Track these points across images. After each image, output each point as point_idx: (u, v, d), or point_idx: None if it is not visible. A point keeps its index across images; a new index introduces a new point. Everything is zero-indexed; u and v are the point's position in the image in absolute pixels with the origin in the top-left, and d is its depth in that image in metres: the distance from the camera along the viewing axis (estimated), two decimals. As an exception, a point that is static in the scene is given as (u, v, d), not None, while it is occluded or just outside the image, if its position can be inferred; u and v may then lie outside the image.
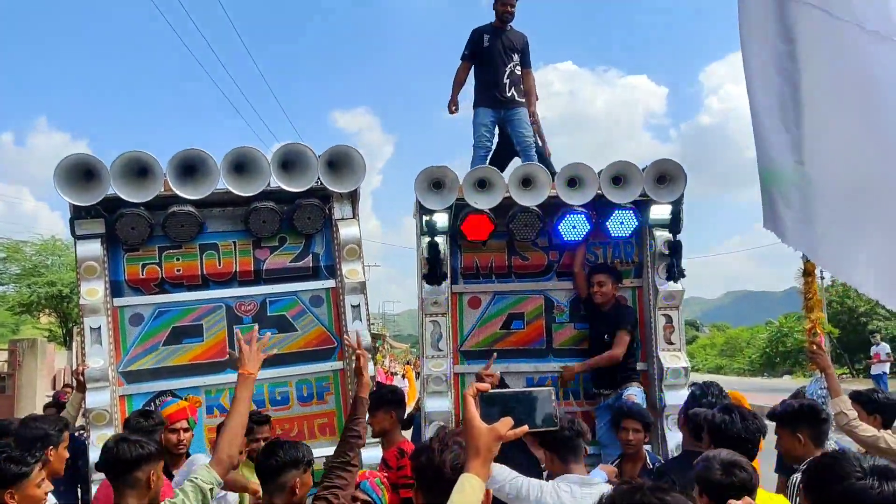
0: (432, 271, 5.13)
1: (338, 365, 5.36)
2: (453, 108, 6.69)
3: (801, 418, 3.55)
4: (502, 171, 5.61)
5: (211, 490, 2.83)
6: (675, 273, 5.16)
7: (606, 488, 2.67)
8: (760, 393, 23.98)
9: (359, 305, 5.25)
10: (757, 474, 2.78)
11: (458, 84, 6.57)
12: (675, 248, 5.15)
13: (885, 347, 18.33)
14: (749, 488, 2.64)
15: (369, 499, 3.56)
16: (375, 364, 5.94)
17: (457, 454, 2.08)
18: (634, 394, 5.01)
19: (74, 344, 22.94)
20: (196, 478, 2.85)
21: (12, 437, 3.97)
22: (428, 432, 5.01)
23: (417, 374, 7.30)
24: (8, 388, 14.62)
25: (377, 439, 4.57)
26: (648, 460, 4.36)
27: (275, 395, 5.27)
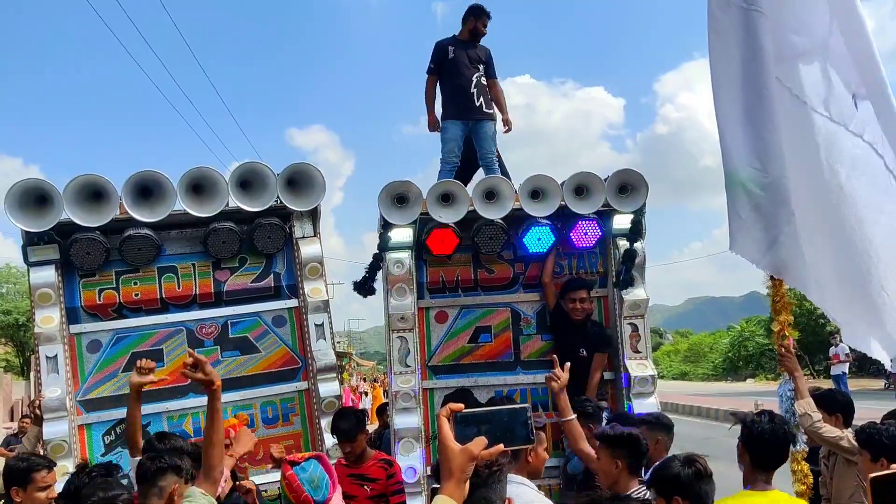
0: (364, 282, 5.26)
1: (303, 385, 5.29)
2: (433, 126, 6.60)
3: (622, 445, 3.46)
4: (466, 184, 5.60)
5: None
6: (626, 280, 5.18)
7: None
8: (725, 397, 24.39)
9: (322, 324, 5.21)
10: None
11: (431, 100, 6.57)
12: (628, 256, 5.17)
13: (845, 348, 18.67)
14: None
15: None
16: (341, 383, 5.86)
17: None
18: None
19: (32, 374, 22.36)
20: None
21: None
22: (398, 449, 4.95)
23: (386, 392, 7.23)
24: (-38, 422, 14.13)
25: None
26: None
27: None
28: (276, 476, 4.14)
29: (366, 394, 28.14)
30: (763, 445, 3.15)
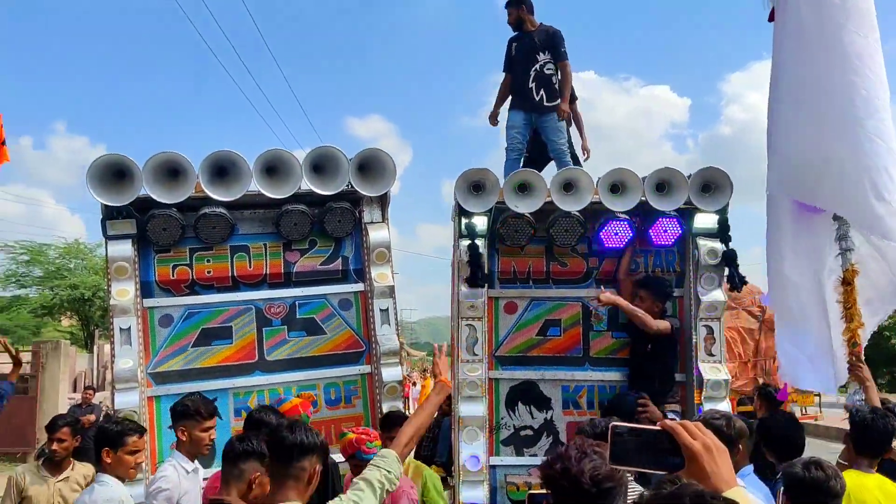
0: (473, 274, 5.02)
1: (366, 369, 5.30)
2: (493, 121, 6.57)
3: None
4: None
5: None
6: (736, 282, 4.99)
7: None
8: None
9: (387, 309, 5.23)
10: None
11: (500, 97, 6.51)
12: (730, 258, 4.99)
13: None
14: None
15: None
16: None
17: (597, 464, 1.97)
18: (673, 418, 4.84)
19: (95, 347, 23.09)
20: (389, 470, 2.76)
21: None
22: (461, 437, 4.90)
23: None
24: (31, 390, 14.61)
25: None
26: None
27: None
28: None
29: (414, 384, 28.24)
30: (867, 430, 3.56)
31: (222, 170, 4.99)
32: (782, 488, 3.08)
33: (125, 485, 3.77)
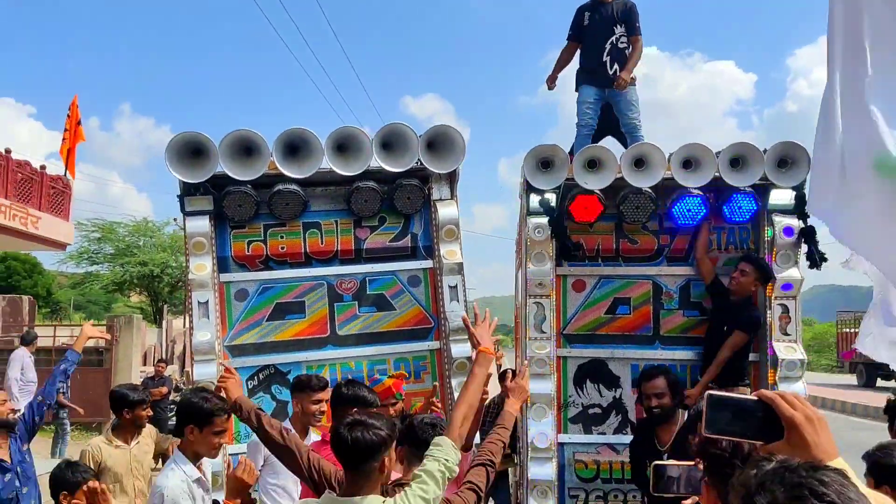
0: (564, 246, 5.06)
1: (434, 345, 5.35)
2: (551, 84, 6.52)
3: None
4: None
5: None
6: (816, 259, 4.88)
7: None
8: (847, 390, 22.98)
9: (456, 286, 5.24)
10: None
11: (561, 63, 6.40)
12: (809, 234, 4.88)
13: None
14: None
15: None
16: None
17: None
18: None
19: (164, 322, 23.85)
20: (447, 459, 2.78)
21: None
22: (530, 414, 4.92)
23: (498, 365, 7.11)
24: (105, 362, 15.28)
25: None
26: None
27: (373, 372, 5.28)
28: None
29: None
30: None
31: (295, 147, 5.08)
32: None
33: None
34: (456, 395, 4.94)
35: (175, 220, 25.82)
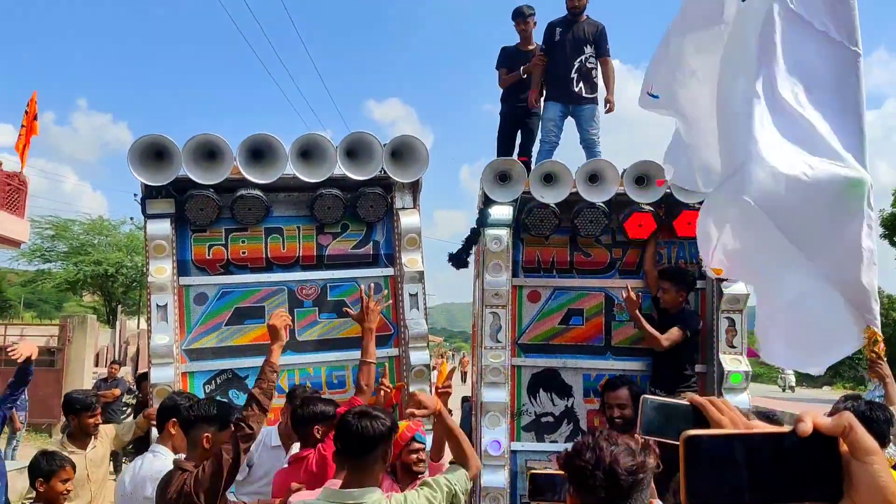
0: (459, 254, 5.26)
1: (393, 352, 5.41)
2: (532, 104, 6.56)
3: None
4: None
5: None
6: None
7: None
8: (798, 402, 23.56)
9: (416, 294, 5.33)
10: None
11: (537, 79, 6.47)
12: None
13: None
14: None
15: (423, 445, 3.66)
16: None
17: (629, 454, 1.88)
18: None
19: (118, 322, 23.46)
20: (456, 483, 2.86)
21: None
22: (484, 422, 5.04)
23: (453, 370, 7.27)
24: (57, 363, 15.00)
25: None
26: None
27: (332, 379, 5.34)
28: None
29: (433, 368, 28.44)
30: (871, 424, 3.47)
31: (259, 153, 5.13)
32: None
33: None
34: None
35: (132, 219, 25.46)
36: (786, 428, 0.96)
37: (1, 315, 32.27)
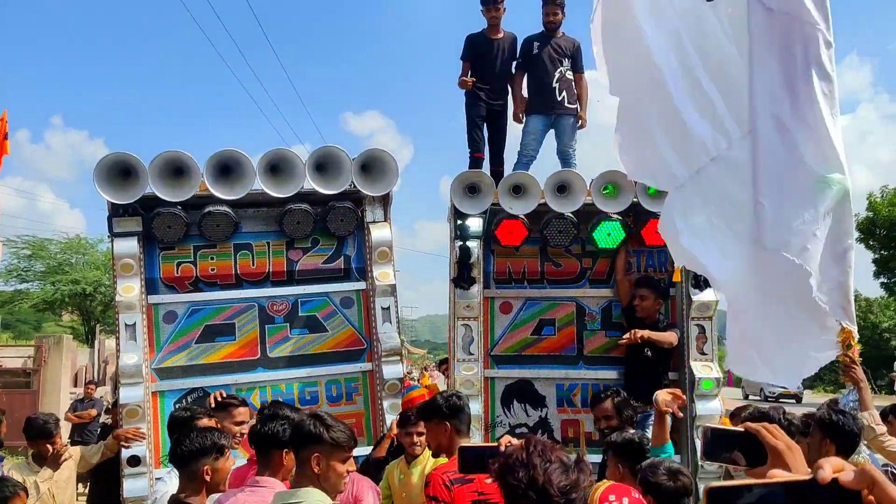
0: (461, 275, 5.15)
1: (367, 366, 5.39)
2: (517, 118, 6.42)
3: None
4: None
5: None
6: (701, 281, 5.12)
7: None
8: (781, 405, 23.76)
9: (389, 308, 5.32)
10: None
11: (518, 94, 6.39)
12: None
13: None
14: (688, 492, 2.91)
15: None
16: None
17: (563, 473, 1.86)
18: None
19: (97, 342, 23.19)
20: None
21: None
22: None
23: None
24: (33, 384, 14.77)
25: None
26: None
27: (304, 395, 5.30)
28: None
29: (414, 380, 28.36)
30: (842, 428, 3.54)
31: (226, 168, 5.10)
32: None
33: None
34: (388, 417, 5.00)
35: (110, 237, 25.22)
36: (805, 476, 0.95)
37: (-23, 336, 31.80)
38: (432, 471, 3.60)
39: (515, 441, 2.18)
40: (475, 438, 5.03)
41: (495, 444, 2.33)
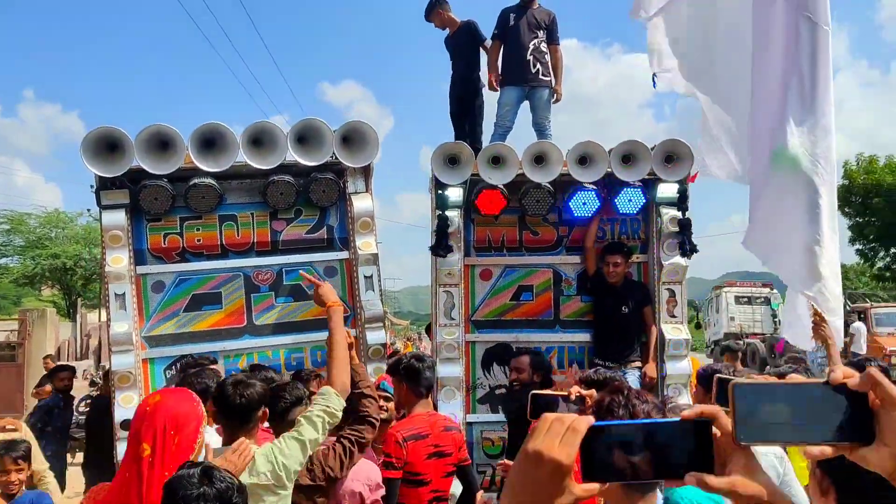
0: (438, 243, 5.32)
1: (351, 333, 5.54)
2: (492, 87, 6.59)
3: None
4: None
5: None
6: (686, 249, 5.34)
7: None
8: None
9: (371, 276, 5.45)
10: None
11: (493, 63, 6.55)
12: (684, 225, 5.33)
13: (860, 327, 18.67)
14: None
15: (389, 394, 4.00)
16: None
17: (662, 416, 1.90)
18: (631, 381, 5.08)
19: (78, 315, 23.19)
20: (328, 405, 3.00)
21: None
22: (440, 396, 5.22)
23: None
24: (17, 357, 14.86)
25: None
26: None
27: (290, 361, 5.47)
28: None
29: (398, 350, 28.62)
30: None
31: (210, 141, 5.19)
32: None
33: None
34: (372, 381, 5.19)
35: (89, 210, 25.10)
36: (819, 379, 1.05)
37: (-43, 312, 31.61)
38: (389, 429, 3.83)
39: (585, 391, 2.33)
40: (456, 399, 5.26)
41: (565, 392, 2.52)
